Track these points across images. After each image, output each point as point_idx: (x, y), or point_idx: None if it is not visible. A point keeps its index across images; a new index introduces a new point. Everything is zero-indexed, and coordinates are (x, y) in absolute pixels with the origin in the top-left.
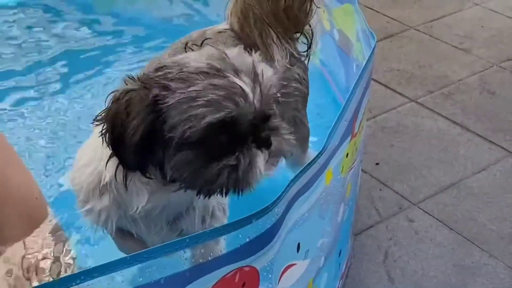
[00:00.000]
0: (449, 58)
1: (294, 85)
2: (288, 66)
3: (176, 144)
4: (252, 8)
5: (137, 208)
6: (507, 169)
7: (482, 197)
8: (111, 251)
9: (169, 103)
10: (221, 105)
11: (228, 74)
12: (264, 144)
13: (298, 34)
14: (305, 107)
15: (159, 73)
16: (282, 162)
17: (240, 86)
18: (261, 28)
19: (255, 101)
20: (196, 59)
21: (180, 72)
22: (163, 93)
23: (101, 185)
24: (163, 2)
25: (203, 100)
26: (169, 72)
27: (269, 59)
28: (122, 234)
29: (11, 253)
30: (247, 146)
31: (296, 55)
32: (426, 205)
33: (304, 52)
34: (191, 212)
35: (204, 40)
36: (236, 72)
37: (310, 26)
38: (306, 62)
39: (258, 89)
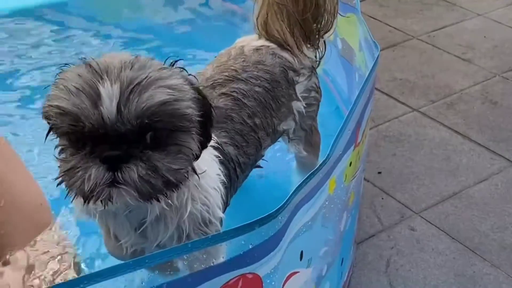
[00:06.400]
0: (452, 68)
1: (313, 94)
2: (315, 64)
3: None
4: (285, 6)
5: None
6: (509, 179)
7: (484, 207)
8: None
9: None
10: (70, 97)
11: (101, 75)
12: (106, 161)
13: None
14: (317, 115)
15: None
16: (293, 166)
17: (97, 88)
18: (293, 25)
19: (108, 112)
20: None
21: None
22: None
23: None
24: (168, 8)
25: (63, 83)
26: None
27: (299, 56)
28: (109, 233)
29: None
30: (86, 155)
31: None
32: (428, 214)
33: (316, 61)
34: (159, 222)
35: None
36: (111, 79)
37: (323, 37)
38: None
39: (120, 101)
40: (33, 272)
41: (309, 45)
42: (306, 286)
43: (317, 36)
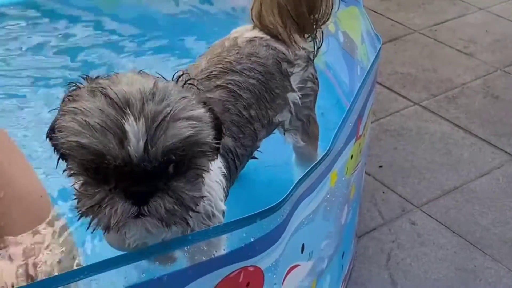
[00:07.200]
0: (453, 62)
1: (309, 85)
2: (312, 55)
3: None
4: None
5: None
6: (511, 174)
7: (485, 201)
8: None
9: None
10: (93, 134)
11: (123, 110)
12: (132, 196)
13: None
14: (315, 105)
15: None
16: (292, 158)
17: (122, 125)
18: (286, 17)
19: (133, 149)
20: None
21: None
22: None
23: None
24: (169, 2)
25: (82, 117)
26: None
27: (292, 47)
28: None
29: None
30: (111, 190)
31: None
32: (429, 208)
33: (313, 51)
34: None
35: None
36: (134, 114)
37: (321, 28)
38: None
39: (147, 140)
40: (27, 261)
41: (304, 36)
42: (307, 279)
43: (314, 27)
